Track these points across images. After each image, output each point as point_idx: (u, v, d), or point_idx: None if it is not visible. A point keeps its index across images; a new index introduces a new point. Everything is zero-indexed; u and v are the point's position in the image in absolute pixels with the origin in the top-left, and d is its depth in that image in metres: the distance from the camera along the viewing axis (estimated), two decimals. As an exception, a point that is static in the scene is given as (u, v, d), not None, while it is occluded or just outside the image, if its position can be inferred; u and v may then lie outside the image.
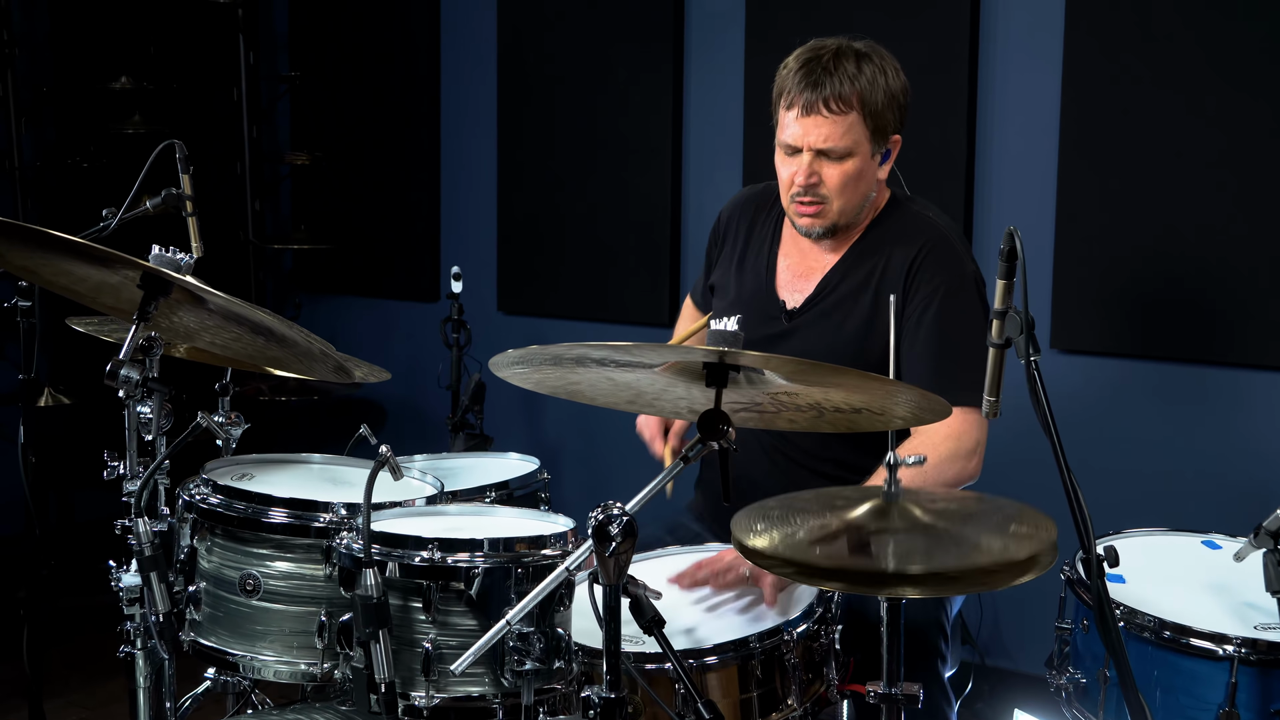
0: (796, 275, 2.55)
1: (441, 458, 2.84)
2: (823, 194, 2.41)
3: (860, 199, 2.44)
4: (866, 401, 1.82)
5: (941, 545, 1.66)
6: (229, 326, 2.16)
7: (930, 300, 2.40)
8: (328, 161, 4.80)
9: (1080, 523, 1.63)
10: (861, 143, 2.39)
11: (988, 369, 1.73)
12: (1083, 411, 3.47)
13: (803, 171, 2.40)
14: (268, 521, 2.10)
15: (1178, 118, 3.31)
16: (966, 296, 2.41)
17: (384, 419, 4.87)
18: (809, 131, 2.37)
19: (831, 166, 2.39)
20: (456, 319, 4.21)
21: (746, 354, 1.72)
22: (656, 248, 4.16)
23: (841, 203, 2.42)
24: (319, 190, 4.91)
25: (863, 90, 2.37)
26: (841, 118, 2.36)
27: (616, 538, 1.67)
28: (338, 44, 4.83)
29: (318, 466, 2.46)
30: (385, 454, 1.98)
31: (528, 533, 2.03)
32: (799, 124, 2.38)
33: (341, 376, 2.17)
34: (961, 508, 1.79)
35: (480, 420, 4.12)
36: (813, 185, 2.40)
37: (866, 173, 2.42)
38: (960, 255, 2.45)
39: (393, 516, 2.12)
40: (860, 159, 2.40)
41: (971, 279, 2.43)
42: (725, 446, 1.77)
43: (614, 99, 4.20)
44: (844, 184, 2.40)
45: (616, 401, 1.99)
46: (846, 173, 2.39)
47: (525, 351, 1.80)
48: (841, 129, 2.37)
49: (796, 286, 2.54)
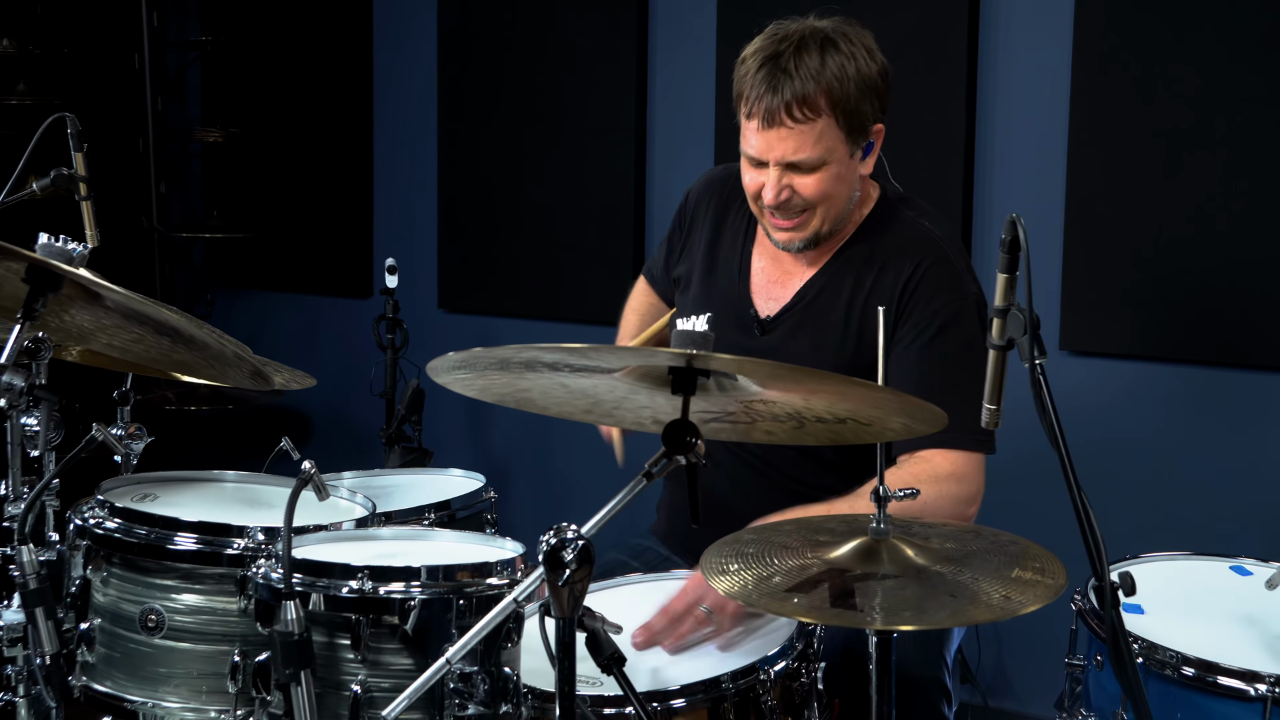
0: (772, 280, 2.54)
1: (374, 475, 2.83)
2: (799, 204, 2.39)
3: (844, 203, 2.43)
4: (852, 410, 1.83)
5: (935, 595, 1.67)
6: (129, 326, 2.14)
7: (925, 328, 2.39)
8: (244, 138, 4.78)
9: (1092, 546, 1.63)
10: (835, 147, 2.35)
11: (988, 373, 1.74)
12: (1094, 421, 3.50)
13: (771, 187, 2.37)
14: (173, 549, 2.08)
15: (1203, 95, 3.34)
16: (967, 324, 2.40)
17: (308, 431, 4.85)
18: (773, 145, 2.34)
19: (804, 178, 2.37)
20: (391, 318, 4.20)
21: (718, 357, 1.72)
22: (618, 237, 4.16)
23: (824, 210, 2.40)
24: (234, 171, 4.88)
25: (829, 86, 2.32)
26: (809, 125, 2.32)
27: (571, 565, 1.66)
28: (256, 5, 4.81)
29: (231, 486, 2.44)
30: (309, 471, 1.96)
31: (471, 559, 2.02)
32: (760, 137, 2.34)
33: (259, 383, 2.16)
34: (959, 546, 1.80)
35: (418, 432, 4.11)
36: (785, 201, 2.38)
37: (846, 175, 2.40)
38: (960, 274, 2.43)
39: (317, 542, 2.11)
40: (836, 164, 2.37)
41: (973, 302, 2.42)
42: (694, 461, 1.76)
43: (570, 69, 4.20)
44: (823, 193, 2.38)
45: (571, 411, 1.98)
46: (822, 181, 2.37)
47: (468, 354, 1.79)
48: (811, 138, 2.33)
49: (771, 293, 2.53)
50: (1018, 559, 1.75)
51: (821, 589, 1.69)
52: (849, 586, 1.70)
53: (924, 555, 1.75)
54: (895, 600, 1.68)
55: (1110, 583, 1.63)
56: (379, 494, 2.57)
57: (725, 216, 2.62)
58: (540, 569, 1.69)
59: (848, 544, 1.79)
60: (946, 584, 1.70)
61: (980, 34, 3.63)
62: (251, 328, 4.86)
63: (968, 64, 3.61)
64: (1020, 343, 1.68)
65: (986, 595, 1.67)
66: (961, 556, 1.77)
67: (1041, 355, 1.66)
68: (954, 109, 3.62)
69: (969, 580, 1.71)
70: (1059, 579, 1.68)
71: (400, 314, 4.21)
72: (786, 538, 1.82)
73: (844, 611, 1.67)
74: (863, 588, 1.70)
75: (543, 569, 1.68)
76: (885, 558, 1.74)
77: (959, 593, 1.68)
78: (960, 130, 3.62)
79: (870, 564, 1.74)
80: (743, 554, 1.78)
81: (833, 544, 1.78)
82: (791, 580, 1.70)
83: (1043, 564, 1.74)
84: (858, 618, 1.66)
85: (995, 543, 1.82)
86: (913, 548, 1.76)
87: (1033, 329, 1.67)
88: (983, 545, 1.82)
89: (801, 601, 1.67)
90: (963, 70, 3.61)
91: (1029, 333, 1.66)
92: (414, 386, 4.07)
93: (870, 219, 2.50)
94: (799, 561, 1.75)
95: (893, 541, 1.77)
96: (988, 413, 1.76)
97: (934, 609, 1.66)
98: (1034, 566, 1.72)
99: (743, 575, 1.72)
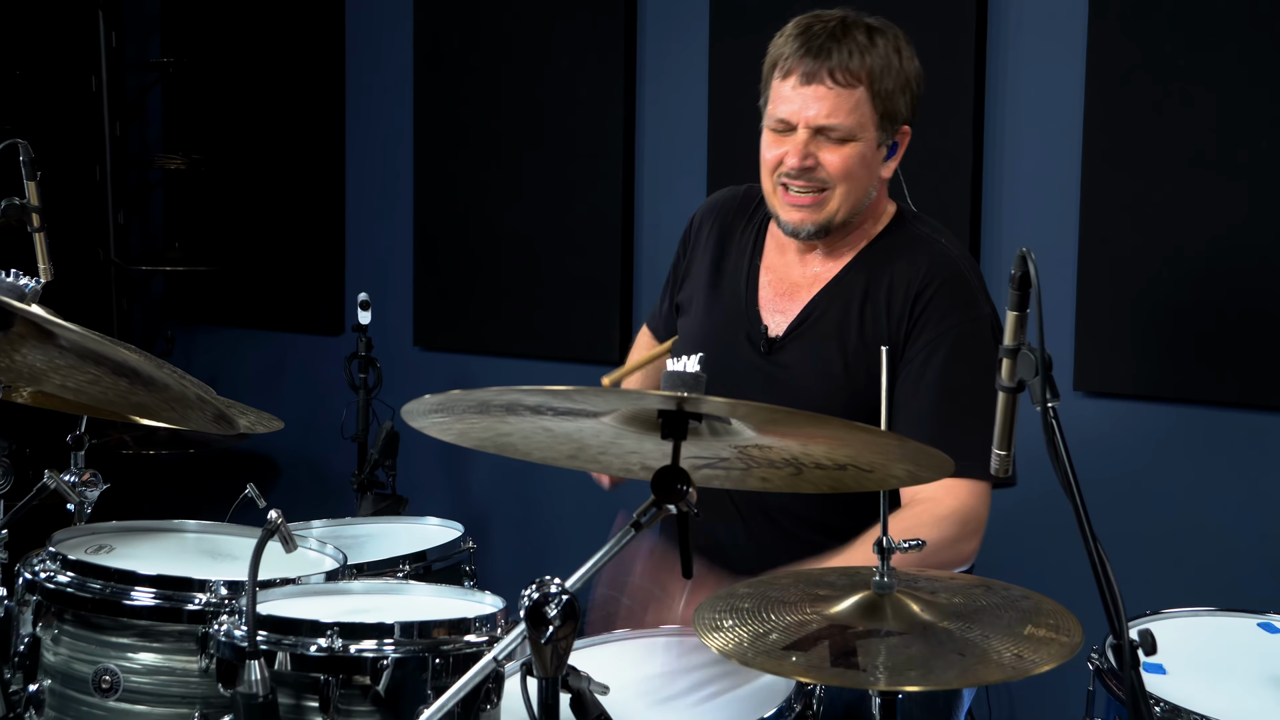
0: (779, 294, 2.56)
1: (345, 524, 2.83)
2: (821, 178, 2.43)
3: (862, 194, 2.46)
4: (853, 456, 1.83)
5: (943, 653, 1.67)
6: (85, 366, 2.14)
7: (937, 346, 2.41)
8: (208, 165, 4.79)
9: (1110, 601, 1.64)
10: (867, 126, 2.42)
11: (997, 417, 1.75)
12: (1111, 466, 3.50)
13: (796, 150, 2.41)
14: (129, 604, 2.08)
15: (1224, 119, 3.35)
16: (980, 345, 2.41)
17: (275, 477, 4.84)
18: (808, 103, 2.39)
19: (831, 150, 2.42)
20: (364, 356, 4.19)
21: (710, 400, 1.72)
22: (605, 270, 4.16)
23: (844, 191, 2.43)
24: (197, 200, 4.89)
25: (873, 66, 2.40)
26: (848, 91, 2.39)
27: (555, 621, 1.66)
28: (221, 25, 4.83)
29: (193, 536, 2.44)
30: (275, 520, 1.96)
31: (448, 615, 2.01)
32: (797, 93, 2.40)
33: (223, 427, 2.16)
34: (968, 602, 1.80)
35: (392, 478, 4.10)
36: (808, 169, 2.42)
37: (871, 164, 2.45)
38: (975, 293, 2.47)
39: (284, 597, 2.11)
40: (864, 145, 2.42)
41: (987, 323, 2.45)
42: (685, 511, 1.77)
43: (553, 91, 4.22)
44: (847, 169, 2.42)
45: (555, 456, 1.98)
46: (849, 157, 2.42)
47: (445, 397, 1.79)
48: (848, 104, 2.39)
49: (779, 307, 2.55)
50: (1030, 615, 1.75)
51: (821, 647, 1.69)
52: (850, 644, 1.70)
53: (930, 611, 1.75)
54: (900, 659, 1.67)
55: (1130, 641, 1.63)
56: (350, 544, 2.57)
57: (732, 232, 2.65)
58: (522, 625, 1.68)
59: (849, 598, 1.79)
60: (955, 642, 1.70)
61: (988, 53, 3.64)
62: (215, 367, 4.86)
63: (974, 85, 3.62)
64: (1032, 385, 1.68)
65: (997, 654, 1.67)
66: (970, 612, 1.76)
67: (1054, 398, 1.67)
68: (959, 133, 3.63)
69: (979, 638, 1.71)
70: (1075, 636, 1.68)
71: (373, 352, 4.20)
72: (784, 592, 1.82)
73: (845, 671, 1.66)
74: (865, 645, 1.69)
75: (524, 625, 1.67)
76: (889, 613, 1.74)
77: (968, 651, 1.68)
78: (966, 156, 3.63)
79: (873, 620, 1.74)
80: (738, 609, 1.78)
81: (833, 598, 1.78)
82: (789, 637, 1.70)
83: (1057, 620, 1.74)
84: (860, 678, 1.65)
85: (1006, 597, 1.82)
86: (918, 603, 1.76)
87: (1045, 370, 1.67)
88: (993, 600, 1.82)
89: (800, 660, 1.67)
90: (969, 92, 3.62)
91: (1041, 374, 1.67)
92: (388, 429, 4.07)
93: (884, 234, 2.53)
94: (797, 617, 1.75)
95: (897, 596, 1.77)
96: (997, 459, 1.76)
97: (941, 668, 1.65)
98: (1048, 623, 1.72)
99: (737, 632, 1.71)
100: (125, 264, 4.78)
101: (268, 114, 4.75)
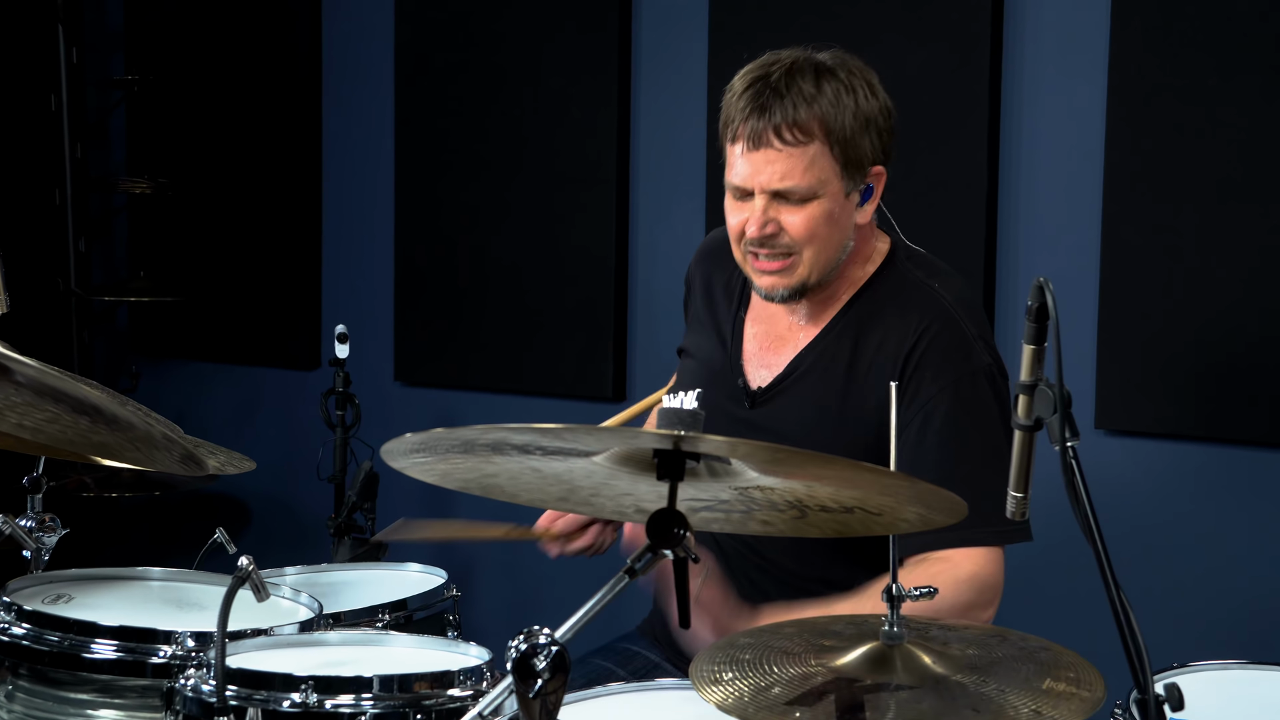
0: (764, 348, 2.57)
1: (321, 570, 2.84)
2: (785, 244, 2.41)
3: (835, 250, 2.45)
4: (860, 498, 1.84)
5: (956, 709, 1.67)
6: (42, 404, 2.14)
7: (934, 409, 2.40)
8: (175, 190, 4.80)
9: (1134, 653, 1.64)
10: (829, 180, 2.39)
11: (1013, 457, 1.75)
12: (1134, 509, 3.50)
13: (755, 219, 2.39)
14: (90, 658, 2.07)
15: (1254, 143, 3.36)
16: (979, 400, 2.41)
17: (246, 521, 4.83)
18: (759, 169, 2.38)
19: (792, 211, 2.40)
20: (341, 392, 4.20)
21: (708, 438, 1.73)
22: (598, 302, 4.17)
23: (812, 253, 2.42)
24: (164, 227, 4.90)
25: (824, 113, 2.37)
26: (799, 149, 2.37)
27: (544, 674, 1.66)
28: (188, 40, 4.84)
29: (158, 585, 2.44)
30: (246, 566, 1.96)
31: (430, 668, 2.01)
32: (746, 160, 2.39)
33: (191, 467, 2.16)
34: (982, 653, 1.80)
35: (371, 521, 4.10)
36: (771, 235, 2.40)
37: (839, 217, 2.42)
38: (970, 343, 2.45)
39: (255, 649, 2.10)
40: (829, 200, 2.40)
41: (983, 374, 2.43)
42: (682, 557, 1.77)
43: (542, 112, 4.23)
44: (811, 231, 2.40)
45: (544, 498, 1.98)
46: (812, 218, 2.40)
47: (428, 436, 1.80)
48: (801, 164, 2.37)
49: (764, 361, 2.56)
50: (1049, 668, 1.75)
51: (827, 701, 1.69)
52: (858, 698, 1.70)
53: (943, 663, 1.75)
54: (910, 714, 1.68)
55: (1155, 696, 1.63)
56: (326, 593, 2.57)
57: (715, 283, 2.67)
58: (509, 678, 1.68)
59: (856, 649, 1.79)
60: (969, 696, 1.70)
61: (1003, 73, 3.65)
62: (182, 404, 4.86)
63: (988, 102, 3.63)
64: (1050, 423, 1.69)
65: (1014, 709, 1.67)
66: (985, 665, 1.77)
67: (1074, 437, 1.67)
68: (972, 155, 3.64)
69: (994, 692, 1.71)
70: (1096, 691, 1.68)
71: (351, 388, 4.20)
72: (787, 642, 1.82)
73: None
74: (874, 700, 1.69)
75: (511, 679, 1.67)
76: (899, 665, 1.74)
77: (983, 706, 1.68)
78: (980, 180, 3.64)
79: (882, 673, 1.74)
80: (738, 660, 1.78)
81: (839, 649, 1.78)
82: (793, 691, 1.70)
83: (1078, 673, 1.75)
84: None
85: (1023, 649, 1.82)
86: (930, 654, 1.76)
87: (1063, 407, 1.68)
88: (1009, 652, 1.82)
89: (804, 716, 1.67)
90: (983, 109, 3.63)
91: (1059, 411, 1.68)
92: (366, 470, 4.07)
93: (874, 279, 2.52)
94: (801, 669, 1.75)
95: (907, 647, 1.77)
96: (1014, 501, 1.77)
97: (955, 724, 1.66)
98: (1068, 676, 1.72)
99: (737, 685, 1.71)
100: (86, 294, 4.78)
101: (239, 135, 4.76)
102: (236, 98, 4.76)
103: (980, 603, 2.37)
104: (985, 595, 2.37)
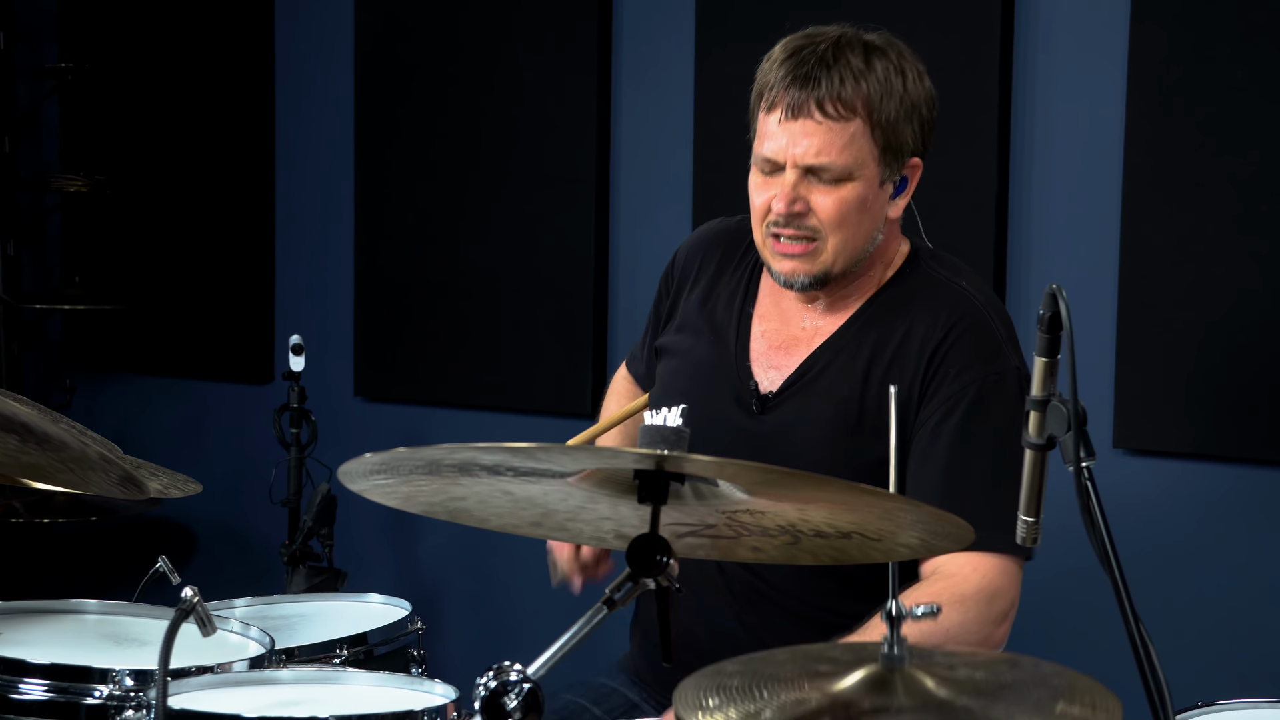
0: (774, 347, 2.56)
1: (273, 602, 2.83)
2: (812, 226, 2.42)
3: (864, 240, 2.46)
4: (858, 522, 1.84)
5: None
6: (-30, 420, 2.14)
7: (955, 403, 2.41)
8: (113, 189, 4.79)
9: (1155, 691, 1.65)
10: (866, 163, 2.41)
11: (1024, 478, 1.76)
12: (1156, 534, 3.51)
13: (784, 194, 2.40)
14: (17, 699, 2.07)
15: (1281, 138, 3.39)
16: (1005, 401, 2.42)
17: (192, 548, 4.82)
18: (795, 141, 2.39)
19: (824, 192, 2.41)
20: (296, 408, 4.19)
21: (693, 458, 1.73)
22: (575, 312, 4.18)
23: (838, 240, 2.43)
24: (101, 229, 4.89)
25: (870, 93, 2.40)
26: (840, 125, 2.39)
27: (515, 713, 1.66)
28: (129, 26, 4.83)
29: (94, 618, 2.43)
30: (191, 598, 1.96)
31: (392, 707, 2.01)
32: (782, 130, 2.40)
33: (130, 490, 2.16)
34: (990, 677, 1.79)
35: (329, 548, 4.09)
36: (797, 214, 2.41)
37: (872, 205, 2.44)
38: (1000, 344, 2.47)
39: (200, 688, 2.10)
40: (863, 185, 2.42)
41: (1014, 377, 2.45)
42: (665, 586, 1.77)
43: (516, 108, 4.23)
44: (841, 216, 2.41)
45: (516, 524, 1.98)
46: (844, 201, 2.41)
47: (390, 455, 1.80)
48: (840, 140, 2.39)
49: (774, 362, 2.55)
50: (1063, 693, 1.74)
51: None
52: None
53: (947, 687, 1.74)
54: (913, 741, 1.68)
55: (1177, 736, 1.64)
56: (279, 626, 2.56)
57: (721, 273, 2.65)
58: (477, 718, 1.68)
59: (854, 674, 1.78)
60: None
61: (1014, 67, 3.66)
62: (121, 421, 4.85)
63: (999, 101, 3.65)
64: (1063, 441, 1.69)
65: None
66: (994, 689, 1.76)
67: (1089, 456, 1.68)
68: (982, 156, 3.65)
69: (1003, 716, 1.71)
70: (1113, 717, 1.68)
71: (307, 404, 4.20)
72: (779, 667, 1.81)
73: None
74: (873, 726, 1.69)
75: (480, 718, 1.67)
76: (900, 690, 1.73)
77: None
78: (990, 183, 3.65)
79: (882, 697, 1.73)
80: (725, 687, 1.77)
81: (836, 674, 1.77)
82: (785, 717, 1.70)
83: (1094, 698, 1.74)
84: None
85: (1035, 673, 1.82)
86: (933, 678, 1.75)
87: (1078, 425, 1.68)
88: (1020, 675, 1.81)
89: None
90: (993, 108, 3.65)
91: (1074, 429, 1.68)
92: (324, 493, 4.06)
93: (896, 279, 2.53)
94: (794, 695, 1.74)
95: (909, 670, 1.76)
96: (1024, 526, 1.77)
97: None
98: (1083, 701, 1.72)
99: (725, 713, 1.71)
100: (16, 302, 4.77)
101: (183, 128, 4.75)
102: (181, 88, 4.75)
103: (991, 618, 2.35)
104: (995, 610, 2.35)
